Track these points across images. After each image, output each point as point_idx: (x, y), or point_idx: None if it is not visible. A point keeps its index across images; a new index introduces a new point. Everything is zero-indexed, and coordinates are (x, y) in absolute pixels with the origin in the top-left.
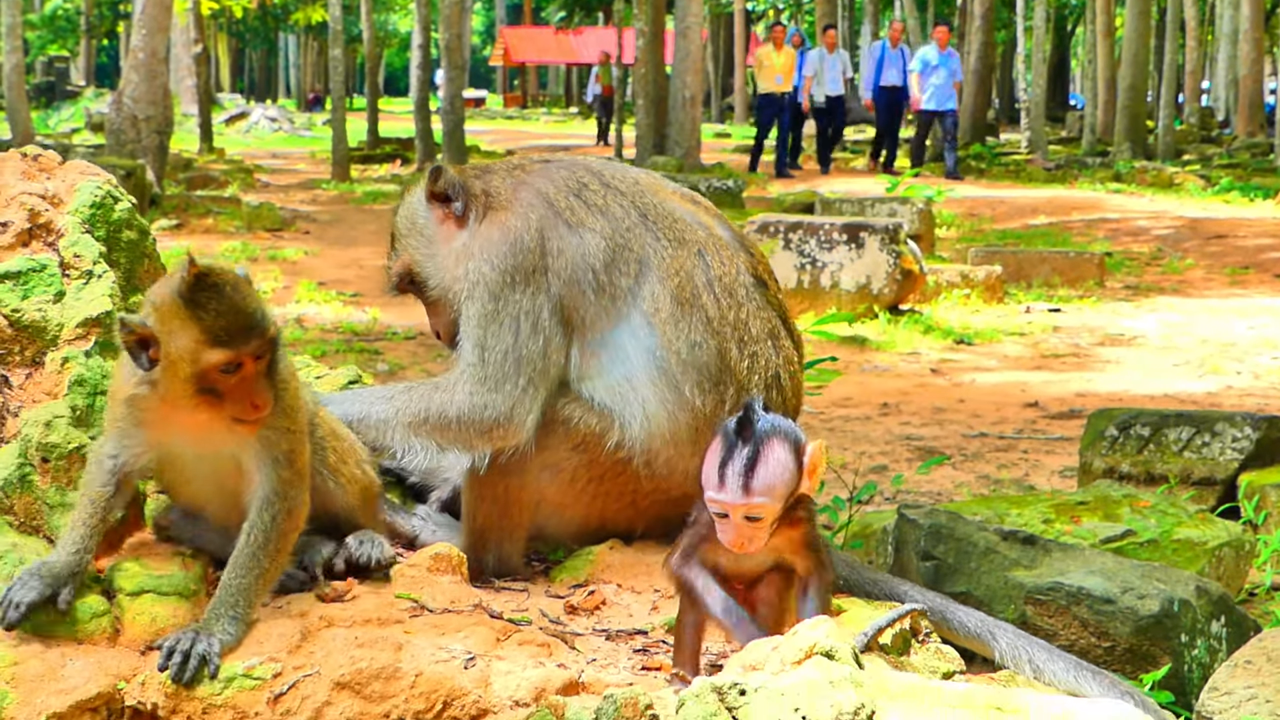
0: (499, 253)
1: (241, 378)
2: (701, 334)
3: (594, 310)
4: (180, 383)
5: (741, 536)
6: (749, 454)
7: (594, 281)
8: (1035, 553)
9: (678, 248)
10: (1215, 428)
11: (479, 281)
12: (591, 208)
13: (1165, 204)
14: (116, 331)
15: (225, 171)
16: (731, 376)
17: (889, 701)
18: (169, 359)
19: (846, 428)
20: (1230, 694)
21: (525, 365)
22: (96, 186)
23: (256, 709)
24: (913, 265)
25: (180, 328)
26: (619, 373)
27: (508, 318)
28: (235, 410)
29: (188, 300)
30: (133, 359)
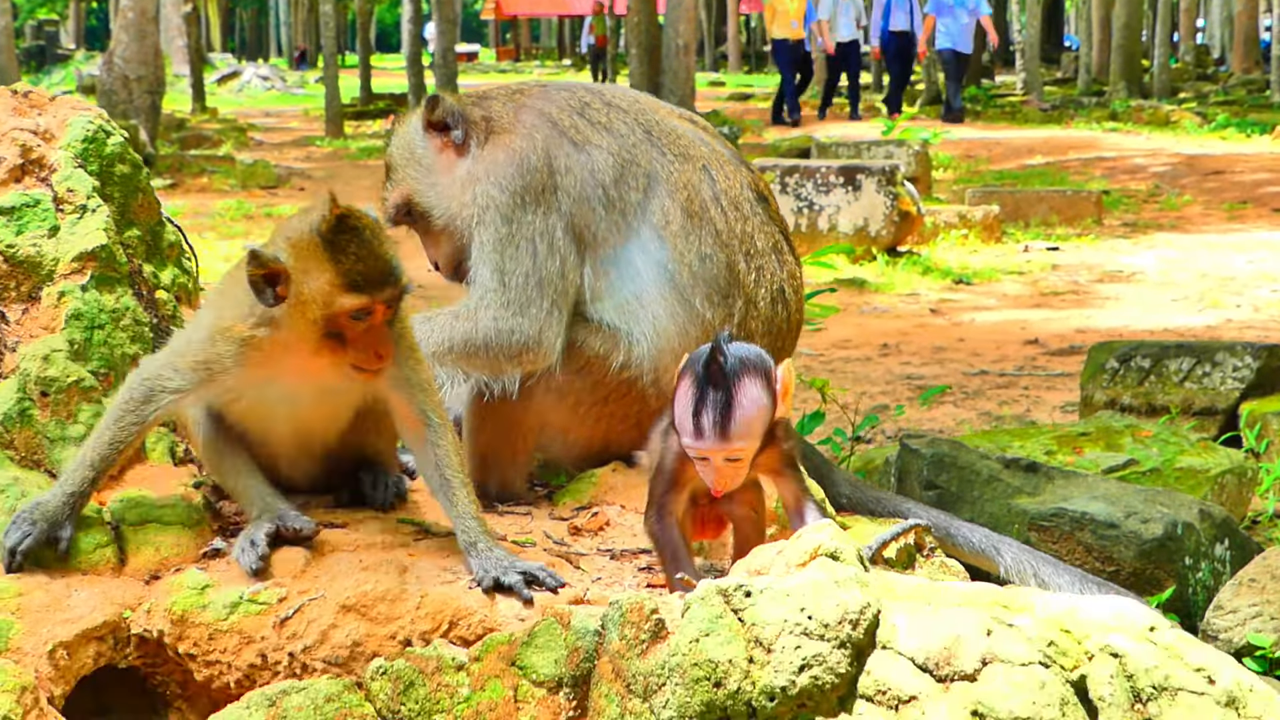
0: (506, 175)
1: (370, 325)
2: (711, 247)
3: (605, 226)
4: (306, 324)
5: (723, 478)
6: (722, 398)
7: (604, 198)
8: (1038, 480)
9: (683, 162)
10: (1216, 358)
11: (489, 206)
12: (596, 125)
13: (1162, 141)
14: (244, 263)
15: (218, 131)
16: (740, 289)
17: (895, 601)
18: (298, 298)
19: (847, 369)
20: (1235, 612)
21: (547, 287)
22: (88, 121)
23: (263, 633)
24: (910, 207)
25: (316, 268)
26: (629, 290)
27: (523, 240)
28: (359, 358)
29: (328, 241)
30: (256, 293)
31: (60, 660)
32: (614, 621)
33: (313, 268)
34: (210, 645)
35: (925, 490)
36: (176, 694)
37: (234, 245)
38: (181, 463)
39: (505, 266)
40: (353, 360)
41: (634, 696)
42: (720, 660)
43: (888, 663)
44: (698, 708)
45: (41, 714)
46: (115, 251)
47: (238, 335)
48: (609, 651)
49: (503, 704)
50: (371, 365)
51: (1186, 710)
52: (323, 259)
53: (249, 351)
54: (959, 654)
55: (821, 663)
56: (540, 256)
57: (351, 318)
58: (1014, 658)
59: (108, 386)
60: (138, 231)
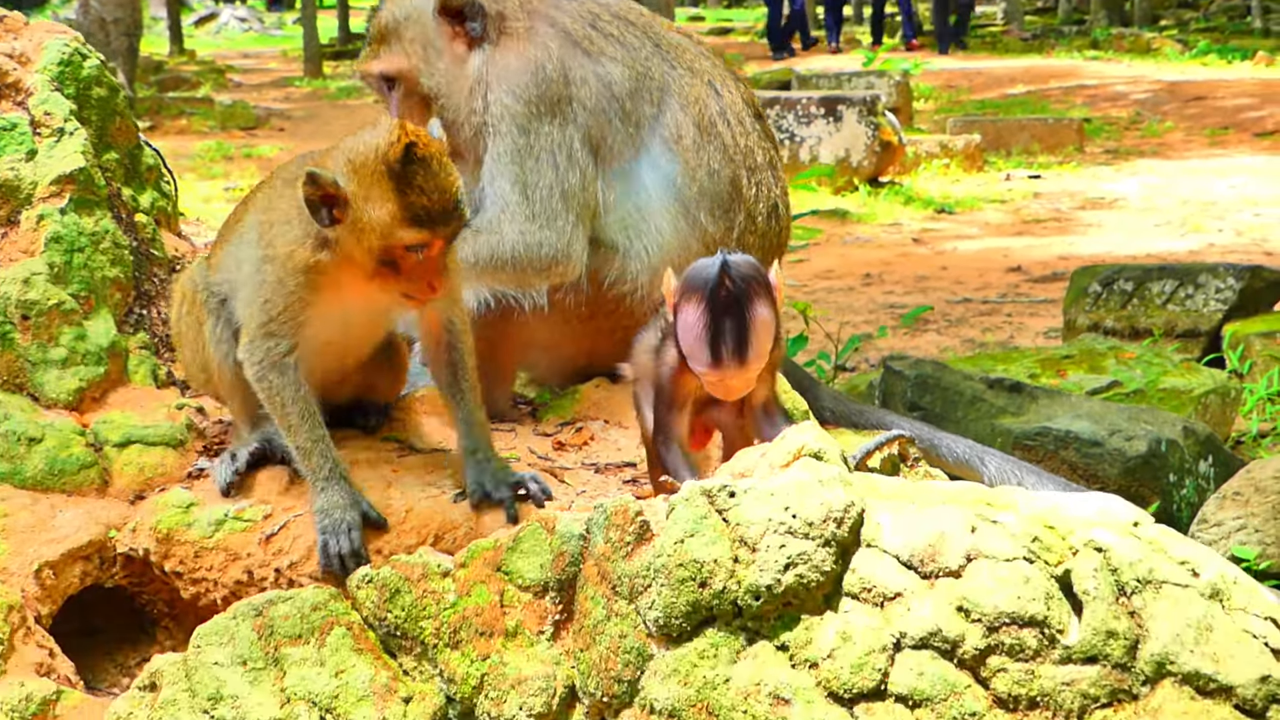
0: (521, 83)
1: (426, 256)
2: (719, 161)
3: (619, 140)
4: (361, 251)
5: (735, 391)
6: (736, 324)
7: (620, 110)
8: (1022, 400)
9: (692, 76)
10: (1198, 280)
11: (504, 115)
12: (608, 37)
13: (1143, 69)
14: (301, 182)
15: (196, 73)
16: (741, 203)
17: (879, 500)
18: (356, 225)
19: (830, 299)
20: (1219, 525)
21: (571, 199)
22: (64, 44)
23: (248, 550)
24: (891, 137)
25: (380, 197)
26: (632, 204)
27: (543, 152)
28: (412, 288)
29: (395, 173)
30: (312, 212)
31: (46, 580)
32: (599, 525)
33: (375, 196)
34: (196, 563)
35: (909, 411)
36: (163, 613)
37: (213, 186)
38: (164, 385)
39: (527, 179)
40: (405, 289)
41: (620, 598)
42: (705, 560)
43: (872, 560)
44: (683, 608)
45: (29, 633)
46: (93, 174)
47: (300, 262)
48: (594, 555)
49: (489, 609)
50: (424, 295)
51: (1171, 603)
52: (386, 189)
53: (315, 277)
54: (943, 551)
55: (806, 561)
56: (561, 169)
57: (408, 249)
58: (998, 553)
59: (88, 309)
60: (116, 155)
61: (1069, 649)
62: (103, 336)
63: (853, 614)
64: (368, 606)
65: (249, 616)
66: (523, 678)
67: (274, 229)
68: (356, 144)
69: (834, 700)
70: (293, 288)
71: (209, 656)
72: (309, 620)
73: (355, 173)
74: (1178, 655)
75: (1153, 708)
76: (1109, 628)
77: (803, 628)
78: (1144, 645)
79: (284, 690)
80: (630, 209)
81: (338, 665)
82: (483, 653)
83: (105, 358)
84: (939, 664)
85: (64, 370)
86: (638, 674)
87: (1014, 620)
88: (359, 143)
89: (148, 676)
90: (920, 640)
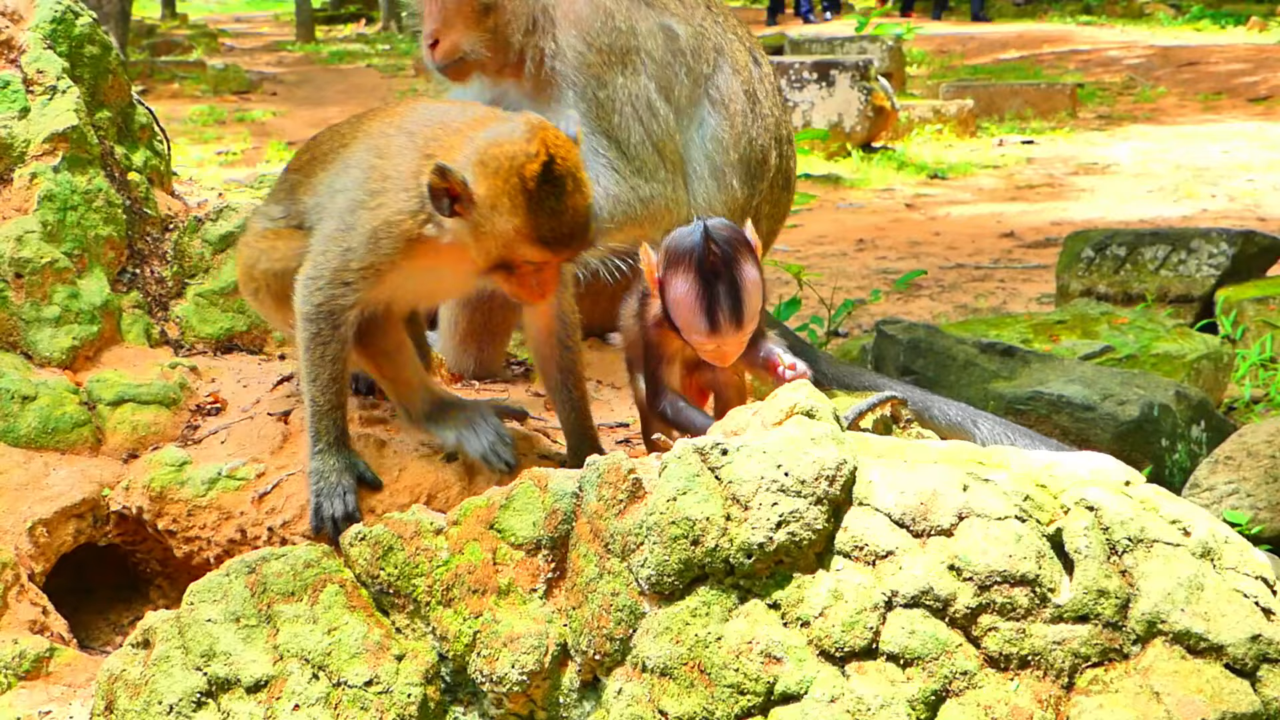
0: (591, 29)
1: (543, 267)
2: (757, 129)
3: (684, 93)
4: (477, 250)
5: (729, 356)
6: (727, 289)
7: (685, 64)
8: (1015, 364)
9: (737, 44)
10: (1191, 245)
11: (579, 65)
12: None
13: (1136, 34)
14: (428, 171)
15: (189, 36)
16: (764, 171)
17: (871, 459)
18: (478, 227)
19: (823, 264)
20: (1212, 489)
21: (663, 149)
22: (56, 2)
23: (241, 508)
24: (884, 102)
25: (509, 210)
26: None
27: (625, 105)
28: (524, 293)
29: (528, 189)
30: (433, 200)
31: (40, 538)
32: (591, 483)
33: (504, 207)
34: (189, 521)
35: (902, 375)
36: (157, 571)
37: (206, 150)
38: (157, 344)
39: (619, 135)
40: (515, 291)
41: (612, 556)
42: (698, 518)
43: (864, 519)
44: (676, 565)
45: (22, 591)
46: (86, 132)
47: (405, 232)
48: (587, 512)
49: (481, 566)
50: (533, 300)
51: (1162, 561)
52: (518, 203)
53: (414, 246)
54: (935, 509)
55: (798, 519)
56: (645, 120)
57: (528, 263)
58: (990, 512)
59: (81, 268)
60: (108, 113)
61: (1060, 608)
62: (96, 295)
63: (844, 572)
64: (360, 564)
65: (242, 573)
66: (515, 635)
67: (386, 184)
68: (492, 143)
69: (825, 658)
70: (387, 251)
71: (202, 613)
72: (302, 577)
73: (488, 177)
74: (1169, 614)
75: (1143, 666)
76: (1100, 586)
77: (794, 586)
78: (1135, 604)
79: (276, 647)
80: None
81: (330, 623)
82: (475, 610)
83: (98, 316)
84: (930, 622)
85: (57, 329)
86: (630, 632)
87: (1005, 579)
88: (495, 142)
89: (141, 633)
90: (912, 599)
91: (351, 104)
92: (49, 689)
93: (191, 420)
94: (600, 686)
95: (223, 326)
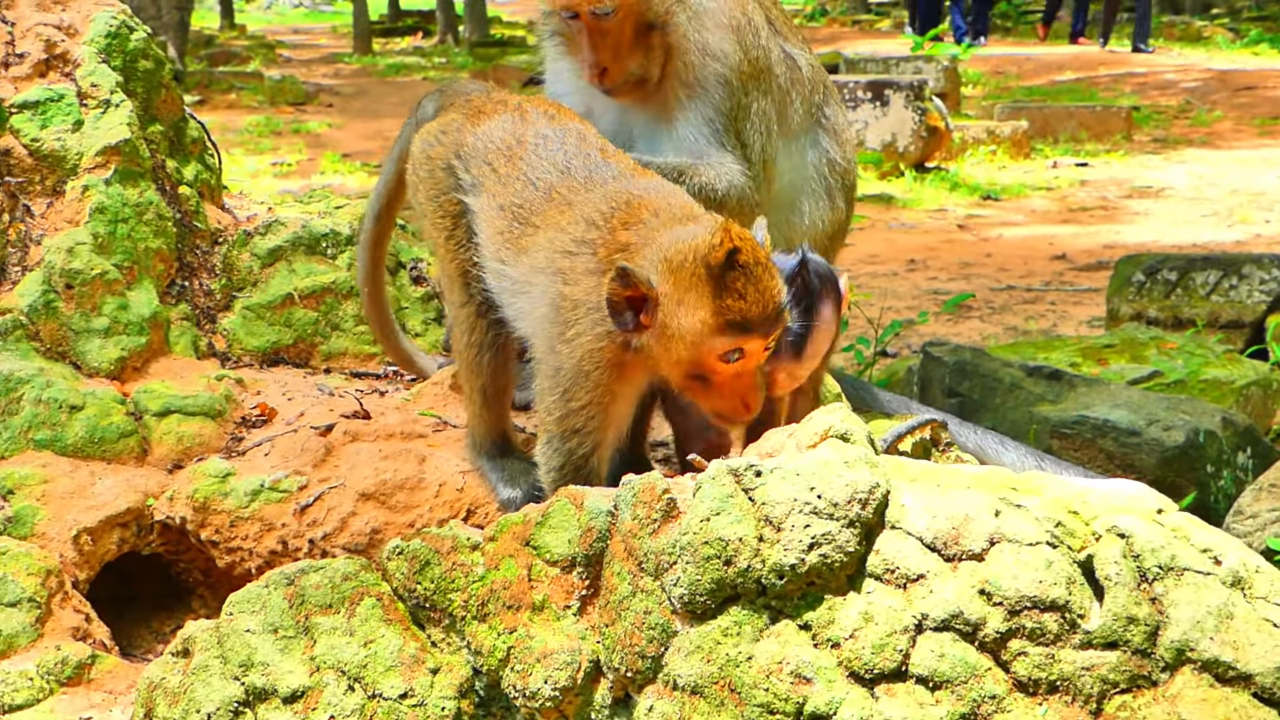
0: (731, 44)
1: (740, 367)
2: (851, 152)
3: (797, 119)
4: (670, 361)
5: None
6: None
7: (802, 94)
8: (1060, 388)
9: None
10: (1243, 270)
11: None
12: (790, 25)
13: (1193, 57)
14: (608, 281)
15: (247, 47)
16: (854, 191)
17: (905, 483)
18: (665, 330)
19: (874, 283)
20: (1255, 517)
21: (767, 162)
22: (111, 17)
23: (283, 520)
24: (938, 122)
25: (694, 302)
26: (787, 178)
27: (757, 118)
28: (724, 406)
29: (714, 276)
30: (613, 314)
31: (85, 546)
32: (627, 501)
33: (689, 300)
34: (232, 532)
35: (948, 398)
36: (199, 580)
37: (261, 161)
38: (204, 356)
39: (748, 140)
40: (716, 408)
41: (646, 575)
42: (731, 539)
43: (896, 542)
44: (708, 585)
45: (66, 598)
46: (138, 146)
47: (604, 359)
48: (621, 531)
49: (517, 582)
50: (739, 416)
51: (1192, 590)
52: (703, 292)
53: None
54: (967, 534)
55: (830, 541)
56: (762, 137)
57: (721, 358)
58: (1022, 537)
59: (131, 279)
60: (160, 127)
61: (1089, 634)
62: (144, 306)
63: (875, 595)
64: (398, 578)
65: (281, 585)
66: (548, 651)
67: (575, 305)
68: (672, 242)
69: (855, 680)
70: (597, 380)
71: (241, 624)
72: (340, 590)
73: (670, 273)
74: (1197, 642)
75: (1171, 694)
76: (1130, 613)
77: (825, 607)
78: (1164, 632)
79: (314, 659)
80: (784, 184)
81: (367, 635)
82: (510, 626)
83: (146, 328)
84: (960, 646)
85: (106, 339)
86: (662, 650)
87: (1035, 604)
88: (674, 240)
89: (181, 642)
90: (942, 622)
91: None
92: (90, 695)
93: (236, 432)
94: (632, 704)
95: (269, 339)
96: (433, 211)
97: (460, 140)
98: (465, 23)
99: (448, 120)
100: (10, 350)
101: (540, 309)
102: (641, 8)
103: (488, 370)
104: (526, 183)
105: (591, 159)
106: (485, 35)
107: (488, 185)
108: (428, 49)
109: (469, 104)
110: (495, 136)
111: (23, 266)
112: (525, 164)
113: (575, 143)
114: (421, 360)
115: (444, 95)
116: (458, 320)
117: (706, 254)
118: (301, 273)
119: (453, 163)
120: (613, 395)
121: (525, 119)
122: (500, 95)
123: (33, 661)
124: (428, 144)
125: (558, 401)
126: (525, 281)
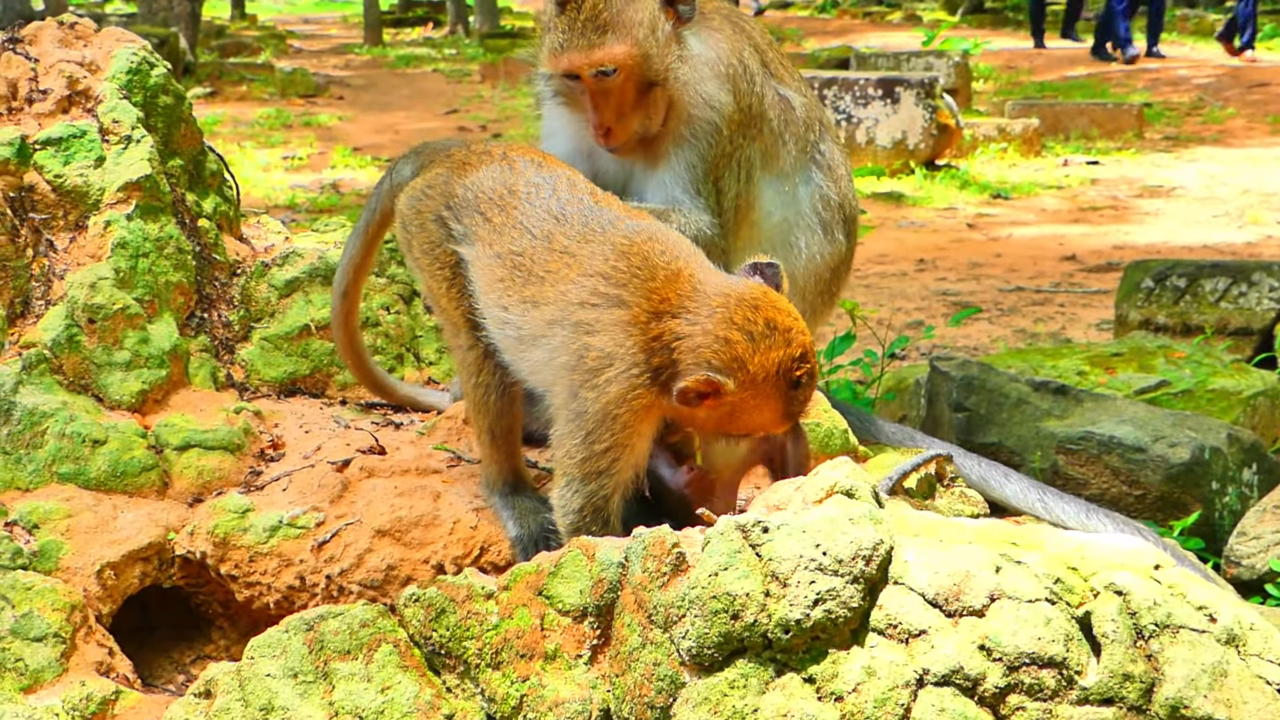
0: (729, 90)
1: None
2: (849, 186)
3: (789, 160)
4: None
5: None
6: None
7: (795, 134)
8: (1067, 403)
9: (824, 109)
10: (1252, 277)
11: (719, 116)
12: (785, 65)
13: (1206, 53)
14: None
15: (258, 38)
16: (855, 224)
17: (908, 538)
18: (730, 415)
19: (883, 284)
20: (1258, 538)
21: (739, 208)
22: (132, 53)
23: (301, 556)
24: (949, 119)
25: (769, 405)
26: (779, 215)
27: (736, 164)
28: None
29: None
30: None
31: (108, 580)
32: (637, 554)
33: (762, 404)
34: (251, 567)
35: (954, 412)
36: (218, 613)
37: (273, 154)
38: (223, 387)
39: (725, 186)
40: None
41: (655, 627)
42: (738, 593)
43: (899, 598)
44: (716, 638)
45: (90, 632)
46: (159, 181)
47: (637, 406)
48: (632, 583)
49: (530, 631)
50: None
51: (1187, 647)
52: (776, 401)
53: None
54: (968, 590)
55: (835, 597)
56: (740, 183)
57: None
58: (1021, 594)
59: (152, 313)
60: (180, 161)
61: (1086, 690)
62: (165, 340)
63: (878, 649)
64: (414, 625)
65: (300, 630)
66: (560, 700)
67: (604, 355)
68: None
69: None
70: (624, 423)
71: (261, 668)
72: (358, 636)
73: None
74: (1192, 700)
75: None
76: (1126, 670)
77: (830, 661)
78: (1159, 689)
79: (332, 704)
80: (778, 220)
81: (384, 681)
82: (523, 674)
83: (167, 360)
84: (960, 701)
85: (127, 373)
86: (670, 701)
87: (1034, 660)
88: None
89: (203, 684)
90: (943, 677)
91: (417, 108)
92: None
93: (255, 465)
94: None
95: (286, 370)
96: (429, 265)
97: (449, 191)
98: (475, 13)
99: (433, 175)
100: (35, 384)
101: (561, 358)
102: (643, 66)
103: (494, 410)
104: (523, 231)
105: (584, 204)
106: (496, 26)
107: (481, 234)
108: (438, 40)
109: (450, 158)
110: (485, 186)
111: (46, 300)
112: (520, 213)
113: (566, 189)
114: (429, 399)
115: (421, 155)
116: (464, 364)
117: (789, 370)
118: (318, 303)
119: (443, 214)
120: (638, 437)
121: (514, 168)
122: (481, 146)
123: (58, 697)
124: (415, 199)
125: (580, 445)
126: (539, 335)
